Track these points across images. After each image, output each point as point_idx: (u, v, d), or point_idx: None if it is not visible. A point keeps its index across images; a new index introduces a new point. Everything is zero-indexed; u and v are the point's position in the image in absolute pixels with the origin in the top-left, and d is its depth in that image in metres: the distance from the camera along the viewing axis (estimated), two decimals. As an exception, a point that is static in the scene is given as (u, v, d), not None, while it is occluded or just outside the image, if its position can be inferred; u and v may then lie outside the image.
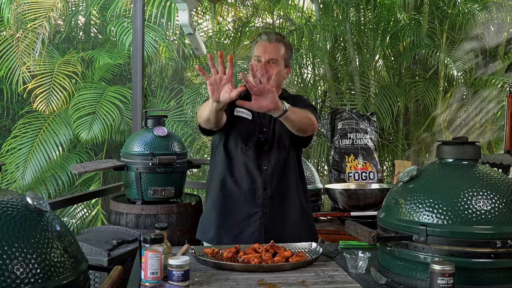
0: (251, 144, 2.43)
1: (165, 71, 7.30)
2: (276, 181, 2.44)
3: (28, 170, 5.92)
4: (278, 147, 2.47)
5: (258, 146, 2.44)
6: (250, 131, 2.44)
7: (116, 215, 3.47)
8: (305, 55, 6.51)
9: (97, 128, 5.96)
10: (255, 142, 2.44)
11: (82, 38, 7.33)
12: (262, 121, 2.48)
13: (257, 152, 2.43)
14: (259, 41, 2.44)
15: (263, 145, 2.44)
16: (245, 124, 2.45)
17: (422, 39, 5.83)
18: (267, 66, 2.37)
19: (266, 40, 2.41)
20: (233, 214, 2.43)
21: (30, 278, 1.29)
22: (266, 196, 2.41)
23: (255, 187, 2.41)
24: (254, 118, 2.46)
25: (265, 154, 2.44)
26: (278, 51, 2.40)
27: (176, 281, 1.65)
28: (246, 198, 2.41)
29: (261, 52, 2.39)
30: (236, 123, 2.44)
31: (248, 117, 2.45)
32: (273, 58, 2.39)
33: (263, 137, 2.44)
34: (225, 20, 7.22)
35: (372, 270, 1.86)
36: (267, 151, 2.44)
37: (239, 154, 2.44)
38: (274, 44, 2.40)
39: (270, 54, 2.38)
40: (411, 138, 6.39)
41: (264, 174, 2.42)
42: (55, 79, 6.01)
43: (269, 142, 2.45)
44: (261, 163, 2.43)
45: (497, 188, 1.79)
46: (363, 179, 3.95)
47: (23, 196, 1.48)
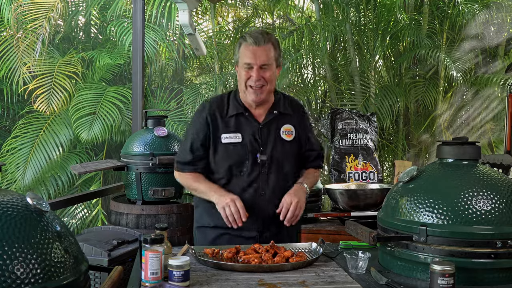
0: (246, 169, 2.32)
1: (165, 71, 7.30)
2: (274, 204, 2.32)
3: (28, 170, 5.92)
4: (277, 168, 2.36)
5: (254, 171, 2.32)
6: (244, 156, 2.32)
7: (116, 215, 3.47)
8: (305, 55, 6.51)
9: (97, 128, 5.96)
10: (250, 166, 2.32)
11: (82, 38, 7.33)
12: (258, 140, 2.34)
13: (253, 177, 2.32)
14: (245, 45, 2.29)
15: (261, 168, 2.33)
16: (236, 150, 2.32)
17: (422, 39, 5.83)
18: (260, 72, 2.26)
19: (253, 43, 2.26)
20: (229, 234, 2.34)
21: (30, 278, 1.29)
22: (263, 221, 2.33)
23: (251, 213, 2.27)
24: (245, 140, 2.33)
25: (263, 176, 2.33)
26: (268, 53, 2.28)
27: (176, 281, 1.65)
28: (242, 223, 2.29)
29: (251, 59, 2.26)
30: (226, 151, 2.33)
31: (238, 140, 2.33)
32: (265, 64, 2.27)
33: (261, 158, 2.32)
34: (225, 20, 7.22)
35: (372, 270, 1.86)
36: (265, 173, 2.33)
37: (232, 183, 2.33)
38: (263, 47, 2.26)
39: (261, 59, 2.26)
40: (411, 138, 6.38)
41: (261, 200, 2.32)
42: (56, 80, 6.01)
43: (267, 162, 2.33)
44: (258, 188, 2.32)
45: (497, 188, 1.79)
46: (363, 179, 3.95)
47: (23, 196, 1.48)
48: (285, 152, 2.36)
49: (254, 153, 2.32)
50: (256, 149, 2.32)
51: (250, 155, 2.31)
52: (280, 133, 2.37)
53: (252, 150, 2.32)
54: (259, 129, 2.34)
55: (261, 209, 2.32)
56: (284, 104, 2.43)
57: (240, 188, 2.31)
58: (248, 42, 2.27)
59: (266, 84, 2.29)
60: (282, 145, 2.36)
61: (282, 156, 2.35)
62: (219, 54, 6.59)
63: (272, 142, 2.34)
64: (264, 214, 2.32)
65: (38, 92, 5.93)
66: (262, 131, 2.34)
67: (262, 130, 2.34)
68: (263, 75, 2.27)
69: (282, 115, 2.40)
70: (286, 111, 2.42)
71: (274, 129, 2.37)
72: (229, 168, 2.32)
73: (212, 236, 2.38)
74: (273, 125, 2.37)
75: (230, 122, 2.35)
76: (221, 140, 2.33)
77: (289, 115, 2.42)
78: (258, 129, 2.34)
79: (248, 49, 2.27)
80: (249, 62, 2.27)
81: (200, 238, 2.45)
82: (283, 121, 2.40)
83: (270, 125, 2.37)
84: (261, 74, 2.26)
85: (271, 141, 2.34)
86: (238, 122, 2.34)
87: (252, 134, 2.33)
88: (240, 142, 2.32)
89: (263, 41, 2.26)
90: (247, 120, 2.35)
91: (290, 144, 2.39)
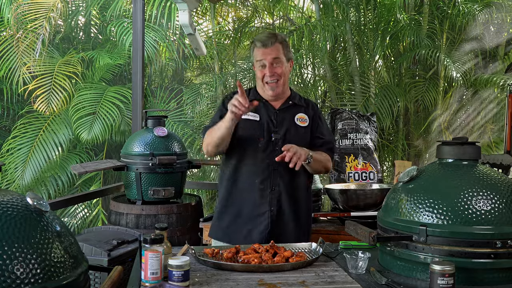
0: (261, 145, 2.50)
1: (165, 71, 7.29)
2: (287, 180, 2.50)
3: (28, 170, 5.92)
4: None
5: (268, 147, 2.50)
6: (259, 132, 2.52)
7: (116, 215, 3.47)
8: (305, 55, 6.51)
9: (98, 128, 5.96)
10: (265, 143, 2.51)
11: (82, 38, 7.33)
12: (273, 121, 2.55)
13: (267, 153, 2.50)
14: (255, 48, 2.56)
15: (274, 146, 2.50)
16: (253, 126, 2.53)
17: (422, 40, 5.83)
18: (272, 68, 2.50)
19: (262, 46, 2.52)
20: (243, 213, 2.50)
21: (30, 278, 1.29)
22: (274, 196, 2.47)
23: (263, 187, 2.48)
24: (262, 119, 2.55)
25: (276, 154, 2.45)
26: (277, 52, 2.51)
27: (176, 281, 1.65)
28: (255, 198, 2.48)
29: (262, 56, 2.51)
30: (244, 126, 2.50)
31: (256, 118, 2.54)
32: (276, 57, 2.50)
33: (275, 136, 2.51)
34: (225, 20, 7.22)
35: (372, 270, 1.86)
36: (278, 151, 2.45)
37: (248, 156, 2.51)
38: (270, 48, 2.51)
39: (271, 56, 2.50)
40: (411, 138, 6.38)
41: (273, 174, 2.49)
42: (55, 80, 6.01)
43: (280, 142, 2.49)
44: (271, 164, 2.48)
45: (497, 188, 1.79)
46: (363, 179, 3.95)
47: (23, 196, 1.48)
48: (298, 135, 2.55)
49: (269, 132, 2.52)
50: (271, 128, 2.53)
51: (265, 133, 2.51)
52: (295, 119, 2.58)
53: (267, 129, 2.52)
54: (275, 113, 2.56)
55: (272, 184, 2.48)
56: (300, 99, 2.66)
57: (254, 162, 2.49)
58: (258, 46, 2.54)
59: (280, 78, 2.52)
60: (296, 129, 2.56)
61: (295, 139, 2.50)
62: (219, 54, 6.59)
63: (287, 125, 2.55)
64: (275, 189, 2.48)
65: (38, 92, 5.93)
66: (278, 115, 2.56)
67: (277, 115, 2.56)
68: (275, 71, 2.50)
69: (296, 106, 2.63)
70: (300, 103, 2.65)
71: (289, 116, 2.58)
72: (245, 141, 2.51)
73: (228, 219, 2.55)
74: (288, 112, 2.59)
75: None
76: (242, 116, 2.44)
77: (303, 107, 2.64)
78: (274, 113, 2.56)
79: (258, 51, 2.54)
80: (261, 59, 2.51)
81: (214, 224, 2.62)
82: (298, 110, 2.62)
83: (285, 112, 2.58)
84: (273, 70, 2.50)
85: (285, 124, 2.55)
86: (257, 107, 2.50)
87: (268, 116, 2.55)
88: (258, 120, 2.53)
89: (270, 43, 2.51)
90: (265, 105, 2.58)
91: (304, 129, 2.58)
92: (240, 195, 2.52)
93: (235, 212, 2.53)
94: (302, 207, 2.57)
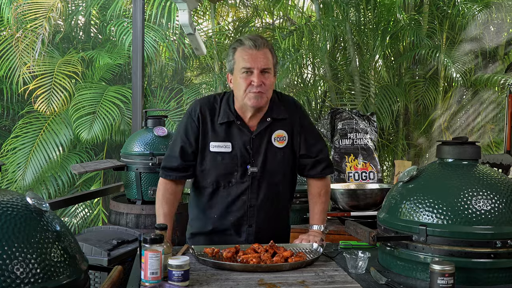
0: (235, 180, 2.21)
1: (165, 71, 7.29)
2: (265, 216, 2.26)
3: (29, 170, 5.93)
4: (269, 179, 2.24)
5: (244, 182, 2.21)
6: (232, 166, 2.20)
7: (116, 215, 3.47)
8: (305, 55, 6.51)
9: (97, 128, 5.96)
10: (240, 177, 2.20)
11: (82, 38, 7.32)
12: (249, 151, 2.20)
13: (242, 188, 2.21)
14: (242, 49, 2.12)
15: (252, 180, 2.21)
16: (225, 159, 2.20)
17: (422, 39, 5.83)
18: (261, 77, 2.10)
19: (253, 47, 2.10)
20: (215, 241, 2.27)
21: (30, 278, 1.29)
22: (251, 231, 2.26)
23: (239, 224, 2.25)
24: (235, 150, 2.19)
25: (253, 188, 2.22)
26: (268, 58, 2.13)
27: (176, 281, 1.65)
28: (230, 234, 2.27)
29: (251, 63, 2.09)
30: (213, 160, 2.20)
31: (227, 149, 2.19)
32: (267, 68, 2.11)
33: (251, 169, 2.19)
34: (225, 20, 7.22)
35: (372, 270, 1.86)
36: (255, 185, 2.22)
37: (220, 192, 2.23)
38: (262, 51, 2.11)
39: (262, 63, 2.10)
40: (411, 138, 6.38)
41: (250, 213, 2.24)
42: (55, 79, 6.01)
43: (258, 173, 2.21)
44: (247, 201, 2.22)
45: (497, 188, 1.79)
46: (363, 179, 3.95)
47: (23, 196, 1.48)
48: (277, 161, 2.23)
49: (244, 164, 2.19)
50: (246, 160, 2.19)
51: (239, 167, 2.19)
52: (272, 140, 2.23)
53: (242, 162, 2.19)
54: (251, 139, 2.20)
55: (249, 221, 2.25)
56: (278, 108, 2.26)
57: (227, 200, 2.22)
58: (246, 45, 2.11)
59: (267, 90, 2.13)
60: (274, 154, 2.23)
61: (274, 167, 2.23)
62: (219, 54, 6.59)
63: (263, 153, 2.21)
64: (251, 227, 2.26)
65: (38, 92, 5.93)
66: (254, 141, 2.20)
67: (254, 141, 2.20)
68: (264, 81, 2.10)
69: (275, 121, 2.24)
70: (280, 115, 2.25)
71: (266, 138, 2.23)
72: (217, 179, 2.21)
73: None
74: (266, 133, 2.23)
75: (220, 129, 2.21)
76: (209, 148, 2.20)
77: (283, 120, 2.25)
78: (250, 139, 2.20)
79: (246, 53, 2.10)
80: (249, 67, 2.09)
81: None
82: (276, 127, 2.24)
83: (262, 134, 2.22)
84: (262, 80, 2.09)
85: (262, 151, 2.20)
86: (228, 131, 2.20)
87: (243, 144, 2.19)
88: (230, 152, 2.19)
89: (262, 44, 2.11)
90: (238, 129, 2.20)
91: (283, 151, 2.25)
92: (213, 230, 2.27)
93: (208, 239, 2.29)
94: (281, 232, 2.36)
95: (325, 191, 2.35)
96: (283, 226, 2.40)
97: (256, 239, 2.23)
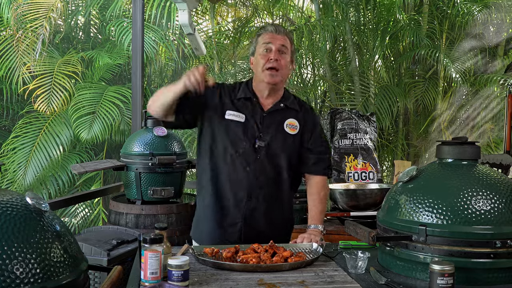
0: (242, 151, 2.29)
1: (165, 71, 7.30)
2: (265, 192, 2.31)
3: (29, 170, 5.93)
4: (273, 159, 2.32)
5: (250, 154, 2.29)
6: (242, 136, 2.30)
7: (115, 215, 3.47)
8: (304, 55, 6.52)
9: (97, 128, 5.96)
10: (247, 149, 2.29)
11: (82, 38, 7.33)
12: (259, 126, 2.33)
13: (248, 160, 2.29)
14: (264, 33, 2.35)
15: (256, 153, 2.30)
16: (237, 127, 2.31)
17: (422, 39, 5.84)
18: (277, 54, 2.29)
19: (274, 31, 2.33)
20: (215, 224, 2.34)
21: (30, 278, 1.29)
22: (249, 206, 2.30)
23: (240, 197, 2.30)
24: (247, 121, 2.32)
25: (258, 162, 2.29)
26: (286, 41, 2.33)
27: (176, 281, 1.65)
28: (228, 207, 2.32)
29: (271, 39, 2.30)
30: (226, 126, 2.31)
31: (240, 119, 2.32)
32: (284, 45, 2.31)
33: (259, 143, 2.30)
34: (225, 20, 7.22)
35: (371, 270, 1.86)
36: (260, 160, 2.30)
37: (227, 162, 2.30)
38: (282, 35, 2.33)
39: (280, 41, 2.31)
40: (411, 138, 6.39)
41: (251, 183, 2.29)
42: (55, 79, 6.02)
43: (264, 150, 2.30)
44: (251, 172, 2.29)
45: (496, 188, 1.79)
46: (363, 179, 3.95)
47: (23, 196, 1.48)
48: (286, 144, 2.33)
49: (253, 138, 2.30)
50: (255, 134, 2.30)
51: (248, 138, 2.30)
52: (284, 125, 2.35)
53: (252, 133, 2.30)
54: (263, 116, 2.33)
55: (248, 194, 2.30)
56: (292, 100, 2.42)
57: (234, 168, 2.29)
58: (268, 30, 2.34)
59: (282, 69, 2.30)
60: (284, 137, 2.34)
61: (281, 148, 2.32)
62: (218, 54, 6.60)
63: (273, 132, 2.32)
64: (250, 199, 2.30)
65: (38, 92, 5.94)
66: (265, 119, 2.33)
67: (265, 118, 2.33)
68: (280, 59, 2.28)
69: (288, 109, 2.38)
70: (293, 106, 2.40)
71: (278, 120, 2.35)
72: (226, 145, 2.30)
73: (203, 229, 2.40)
74: (278, 116, 2.36)
75: (237, 103, 2.35)
76: (224, 116, 2.32)
77: (295, 111, 2.39)
78: (261, 115, 2.33)
79: (267, 35, 2.32)
80: (268, 41, 2.30)
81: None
82: (289, 114, 2.38)
83: (274, 115, 2.35)
84: (279, 56, 2.28)
85: (272, 130, 2.33)
86: (244, 105, 2.34)
87: (254, 119, 2.32)
88: (242, 122, 2.31)
89: (283, 31, 2.34)
90: (253, 105, 2.34)
91: (293, 137, 2.36)
92: (215, 201, 2.33)
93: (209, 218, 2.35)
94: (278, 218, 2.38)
95: (325, 193, 2.43)
96: (283, 217, 2.42)
97: (252, 217, 2.30)
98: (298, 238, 2.25)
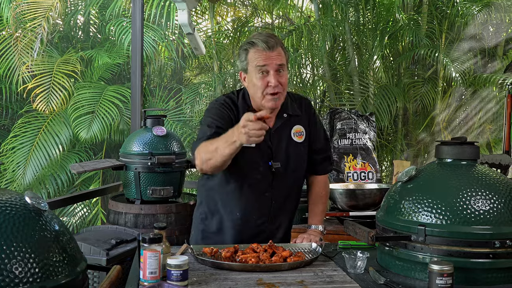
0: (260, 176, 2.21)
1: (164, 70, 7.30)
2: (285, 213, 2.32)
3: (29, 170, 5.93)
4: (293, 176, 2.29)
5: (266, 178, 2.22)
6: (258, 160, 2.20)
7: (115, 214, 3.47)
8: (304, 55, 6.52)
9: (96, 128, 5.96)
10: (263, 172, 2.21)
11: (81, 37, 7.33)
12: (271, 145, 2.21)
13: (266, 185, 2.23)
14: (255, 50, 2.12)
15: (274, 176, 2.22)
16: (250, 151, 2.16)
17: (421, 39, 5.84)
18: (277, 76, 2.10)
19: (266, 48, 2.09)
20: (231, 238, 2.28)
21: (29, 278, 1.29)
22: (272, 228, 2.29)
23: (261, 221, 2.27)
24: (258, 144, 2.04)
25: (275, 184, 2.23)
26: (281, 55, 2.13)
27: (175, 281, 1.65)
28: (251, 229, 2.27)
29: (265, 61, 2.09)
30: (241, 153, 2.07)
31: (252, 144, 2.09)
32: (281, 64, 2.11)
33: (274, 166, 2.21)
34: (224, 20, 7.22)
35: (370, 270, 1.86)
36: (278, 182, 2.24)
37: (244, 189, 2.22)
38: (276, 51, 2.11)
39: (276, 59, 2.10)
40: (410, 138, 6.39)
41: (272, 209, 2.27)
42: (55, 79, 6.02)
43: (282, 171, 2.23)
44: (271, 197, 2.24)
45: (495, 188, 1.79)
46: (362, 179, 3.95)
47: (22, 195, 1.48)
48: (299, 156, 2.28)
49: (267, 159, 2.20)
50: (268, 155, 2.21)
51: (262, 162, 2.20)
52: (292, 135, 2.26)
53: (264, 156, 2.20)
54: (271, 135, 2.20)
55: (270, 219, 2.28)
56: (292, 105, 2.29)
57: (252, 195, 2.23)
58: (260, 47, 2.10)
59: (283, 89, 2.14)
60: (295, 149, 2.26)
61: (297, 162, 2.27)
62: (218, 54, 6.59)
63: (285, 148, 2.24)
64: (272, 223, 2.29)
65: (37, 91, 5.93)
66: (273, 137, 2.22)
67: (273, 136, 2.22)
68: (280, 80, 2.11)
69: (291, 117, 2.27)
70: (295, 112, 2.29)
71: (286, 133, 2.26)
72: (243, 173, 2.21)
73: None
74: (285, 129, 2.26)
75: None
76: None
77: (298, 116, 2.29)
78: (269, 134, 2.17)
79: (260, 54, 2.10)
80: (263, 64, 2.09)
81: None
82: (293, 122, 2.28)
83: (281, 130, 2.25)
84: (279, 79, 2.10)
85: (283, 146, 2.24)
86: None
87: (263, 140, 2.04)
88: (252, 147, 2.13)
89: (275, 44, 2.11)
90: None
91: (302, 146, 2.29)
92: (233, 227, 2.26)
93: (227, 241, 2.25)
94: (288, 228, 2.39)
95: (326, 192, 2.43)
96: (290, 223, 2.44)
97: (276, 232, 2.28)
98: (297, 238, 2.26)
